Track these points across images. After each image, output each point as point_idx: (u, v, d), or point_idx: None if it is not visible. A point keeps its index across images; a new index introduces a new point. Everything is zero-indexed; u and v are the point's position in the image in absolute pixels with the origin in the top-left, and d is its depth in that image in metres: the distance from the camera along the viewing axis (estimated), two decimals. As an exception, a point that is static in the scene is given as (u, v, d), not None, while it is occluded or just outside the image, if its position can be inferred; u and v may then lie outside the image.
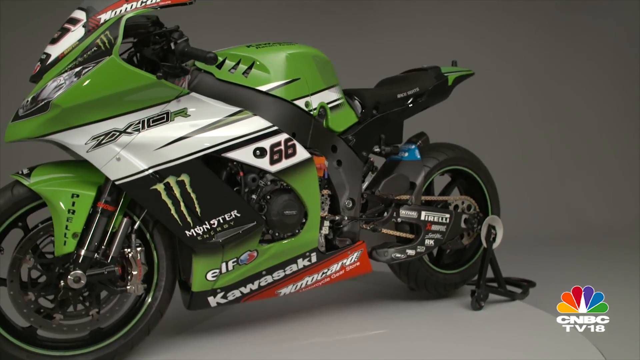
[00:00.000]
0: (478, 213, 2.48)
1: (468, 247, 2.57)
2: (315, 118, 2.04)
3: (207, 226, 1.80)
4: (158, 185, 1.72)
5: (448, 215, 2.37)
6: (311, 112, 2.03)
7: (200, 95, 1.81)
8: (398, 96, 2.31)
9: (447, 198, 2.46)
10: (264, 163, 1.86)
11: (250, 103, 1.89)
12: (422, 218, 2.31)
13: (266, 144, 1.86)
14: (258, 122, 1.86)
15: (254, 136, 1.84)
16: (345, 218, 2.14)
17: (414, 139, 2.42)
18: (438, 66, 2.49)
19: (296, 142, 1.92)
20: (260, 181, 1.92)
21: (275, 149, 1.88)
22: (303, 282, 2.11)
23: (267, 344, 2.02)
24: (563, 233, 4.11)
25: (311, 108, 2.03)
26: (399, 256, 2.27)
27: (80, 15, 1.72)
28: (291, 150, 1.91)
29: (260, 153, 1.85)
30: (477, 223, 2.46)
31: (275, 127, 1.88)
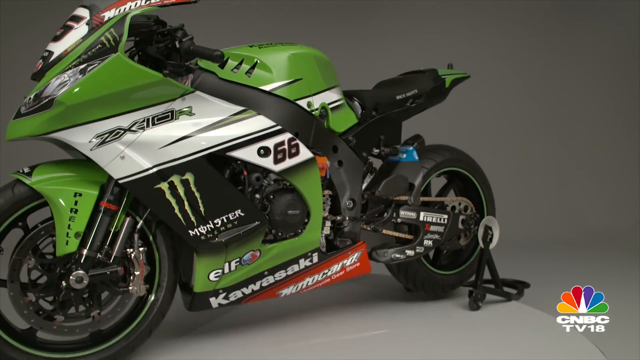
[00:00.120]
0: (475, 214, 2.50)
1: (464, 248, 2.59)
2: (316, 118, 2.05)
3: (211, 225, 1.79)
4: (162, 184, 1.71)
5: (446, 216, 2.39)
6: (313, 113, 2.03)
7: (204, 94, 1.80)
8: (397, 97, 2.32)
9: (445, 199, 2.48)
10: (268, 162, 1.86)
11: (253, 102, 1.89)
12: (421, 219, 2.32)
13: (270, 143, 1.86)
14: (262, 121, 1.86)
15: (258, 135, 1.84)
16: (346, 218, 2.14)
17: (410, 141, 2.44)
18: (435, 69, 2.52)
19: (299, 142, 1.92)
20: (263, 180, 1.91)
21: (279, 148, 1.88)
22: (304, 283, 2.10)
23: (268, 345, 2.01)
24: (563, 237, 4.11)
25: (313, 108, 2.04)
26: (399, 256, 2.28)
27: (83, 12, 1.71)
28: (294, 149, 1.91)
29: (264, 152, 1.85)
30: (474, 224, 2.48)
31: (279, 127, 1.88)
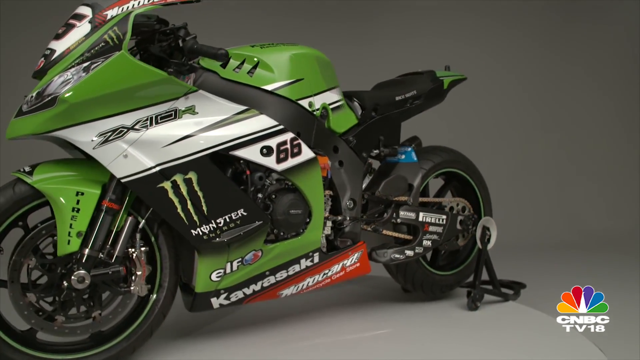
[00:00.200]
0: (473, 214, 2.52)
1: (462, 249, 2.60)
2: (317, 118, 2.05)
3: (214, 225, 1.78)
4: (165, 183, 1.70)
5: (445, 216, 2.40)
6: (314, 113, 2.04)
7: (207, 93, 1.80)
8: (396, 98, 2.34)
9: (443, 200, 2.49)
10: (271, 161, 1.86)
11: (255, 102, 1.89)
12: (420, 219, 2.33)
13: (273, 143, 1.86)
14: (265, 121, 1.86)
15: (261, 135, 1.84)
16: (347, 218, 2.14)
17: (407, 143, 2.45)
18: (433, 70, 2.54)
19: (301, 142, 1.93)
20: (266, 180, 1.91)
21: (281, 148, 1.88)
22: (304, 284, 2.10)
23: (270, 345, 2.01)
24: (563, 240, 4.11)
25: (314, 108, 2.04)
26: (398, 257, 2.28)
27: (85, 11, 1.70)
28: (297, 149, 1.91)
29: (267, 151, 1.85)
30: (472, 224, 2.50)
31: (281, 126, 1.88)
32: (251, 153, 1.82)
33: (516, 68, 4.68)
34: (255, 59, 1.93)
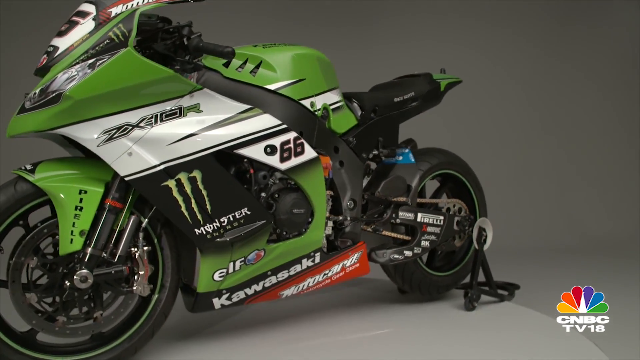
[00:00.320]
0: (469, 215, 2.54)
1: (458, 250, 2.62)
2: (319, 119, 2.06)
3: (217, 224, 1.77)
4: (169, 181, 1.69)
5: (442, 217, 2.42)
6: (315, 113, 2.04)
7: (212, 91, 1.79)
8: (395, 100, 2.36)
9: (440, 201, 2.51)
10: (275, 160, 1.86)
11: (259, 101, 1.89)
12: (419, 220, 2.35)
13: (276, 142, 1.86)
14: (268, 120, 1.86)
15: (265, 133, 1.84)
16: (347, 218, 2.15)
17: (403, 145, 2.47)
18: (429, 73, 2.57)
19: (304, 141, 1.93)
20: (269, 179, 1.91)
21: (285, 147, 1.88)
22: (305, 284, 2.10)
23: (271, 346, 2.00)
24: (563, 244, 4.07)
25: (316, 109, 2.05)
26: (397, 257, 2.29)
27: (89, 8, 1.69)
28: (300, 148, 1.92)
29: (270, 150, 1.85)
30: (469, 225, 2.52)
31: (284, 125, 1.88)
32: (255, 152, 1.82)
33: (515, 71, 4.67)
34: (258, 59, 1.93)
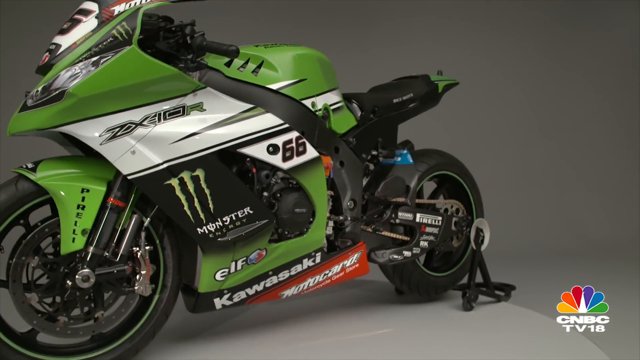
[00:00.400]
0: (467, 216, 2.56)
1: (455, 251, 2.63)
2: (320, 119, 2.06)
3: (220, 223, 1.77)
4: (172, 180, 1.68)
5: (440, 217, 2.43)
6: (316, 113, 2.05)
7: (215, 90, 1.79)
8: (394, 101, 2.37)
9: (438, 201, 2.53)
10: (277, 160, 1.86)
11: (261, 100, 1.89)
12: (418, 220, 2.36)
13: (279, 141, 1.86)
14: (271, 119, 1.86)
15: (268, 133, 1.84)
16: (348, 218, 2.15)
17: (400, 147, 2.48)
18: (427, 74, 2.59)
19: (306, 141, 1.93)
20: (272, 178, 1.91)
21: (287, 146, 1.88)
22: (305, 284, 2.09)
23: (271, 346, 1.99)
24: (563, 247, 4.07)
25: (316, 109, 2.05)
26: (397, 257, 2.30)
27: (91, 6, 1.68)
28: (302, 148, 1.92)
29: (273, 150, 1.85)
30: (466, 226, 2.54)
31: (286, 125, 1.89)
32: (258, 151, 1.82)
33: (514, 72, 4.68)
34: (260, 59, 1.94)
